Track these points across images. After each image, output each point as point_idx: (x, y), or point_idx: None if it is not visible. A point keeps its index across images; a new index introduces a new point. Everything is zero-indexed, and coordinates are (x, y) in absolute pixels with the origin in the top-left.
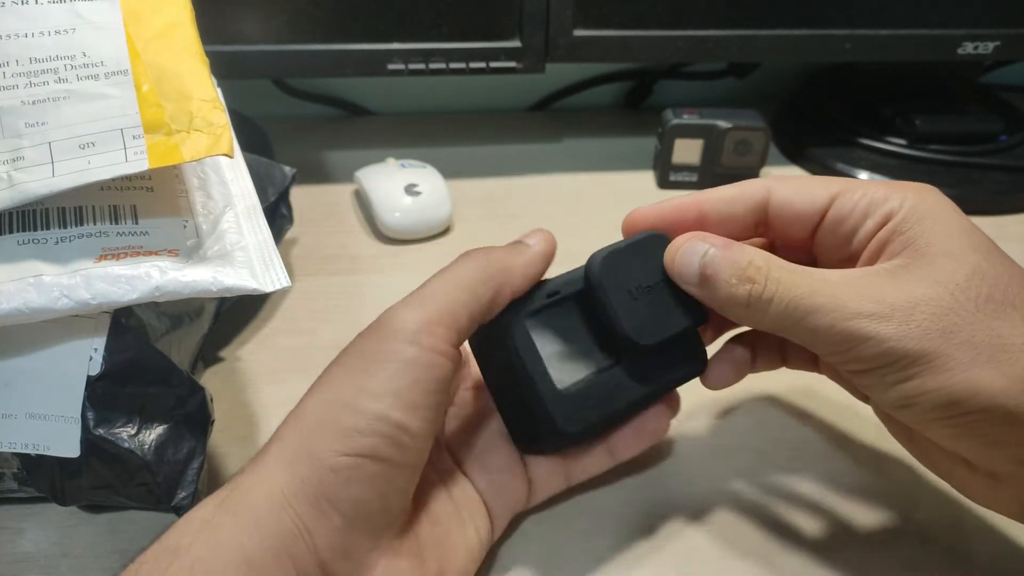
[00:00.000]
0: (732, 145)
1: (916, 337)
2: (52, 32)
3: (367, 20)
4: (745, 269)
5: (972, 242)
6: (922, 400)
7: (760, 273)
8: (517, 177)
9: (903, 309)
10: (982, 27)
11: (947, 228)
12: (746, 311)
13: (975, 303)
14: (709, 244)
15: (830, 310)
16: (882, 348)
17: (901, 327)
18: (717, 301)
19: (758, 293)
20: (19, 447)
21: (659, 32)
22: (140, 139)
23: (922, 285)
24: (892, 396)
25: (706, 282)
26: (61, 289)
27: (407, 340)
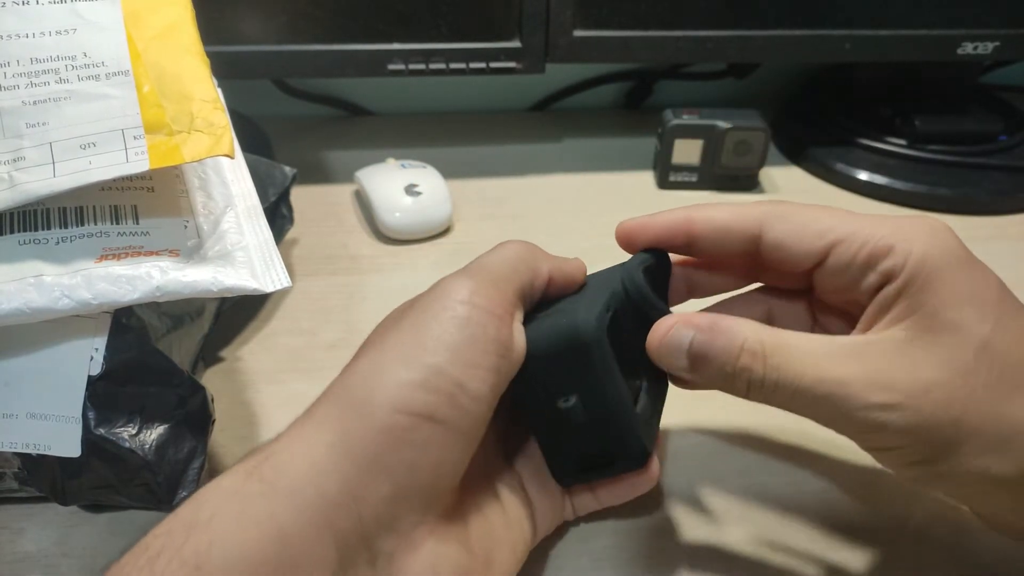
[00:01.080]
0: (732, 145)
1: (927, 427)
2: (53, 32)
3: (367, 20)
4: (739, 357)
5: (981, 309)
6: (936, 483)
7: (756, 360)
8: (517, 177)
9: (913, 396)
10: (982, 27)
11: (954, 292)
12: (747, 396)
13: (984, 388)
14: (694, 330)
15: (840, 400)
16: (895, 439)
17: (912, 416)
18: (716, 384)
19: (758, 381)
20: (20, 447)
21: (659, 32)
22: (141, 139)
23: (930, 368)
24: (904, 475)
25: (696, 369)
26: (62, 289)
27: (460, 300)
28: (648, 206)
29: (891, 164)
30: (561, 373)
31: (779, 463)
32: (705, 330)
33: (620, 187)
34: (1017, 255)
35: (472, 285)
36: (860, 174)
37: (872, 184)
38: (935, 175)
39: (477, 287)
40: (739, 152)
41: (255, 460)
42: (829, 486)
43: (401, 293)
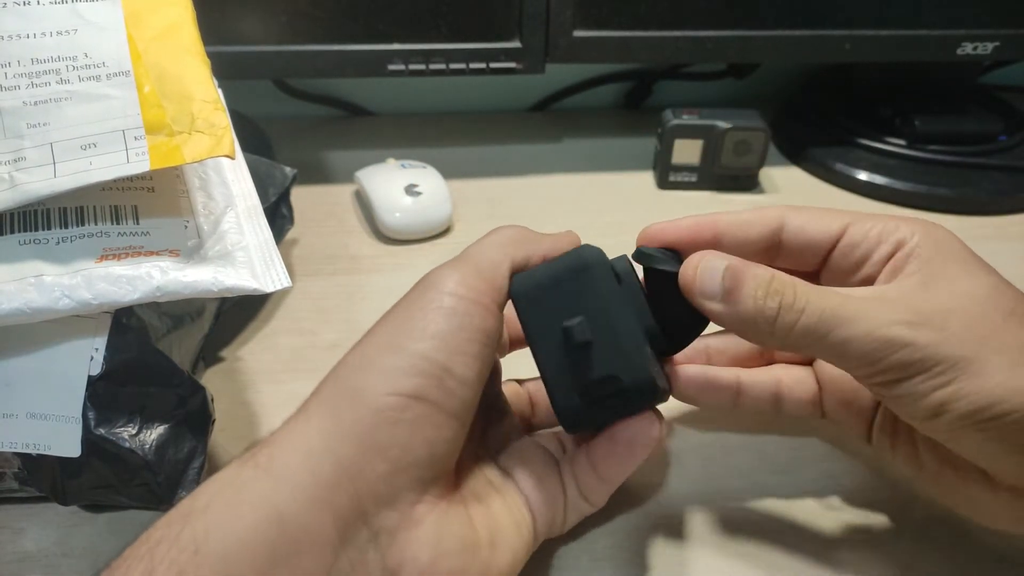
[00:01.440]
0: (732, 145)
1: (953, 343)
2: (54, 33)
3: (367, 21)
4: (771, 283)
5: (984, 267)
6: (959, 405)
7: (787, 286)
8: (517, 177)
9: (938, 316)
10: (982, 27)
11: (959, 255)
12: (772, 326)
13: (1002, 315)
14: (728, 260)
15: (866, 318)
16: (921, 354)
17: (939, 333)
18: (741, 316)
19: (789, 303)
20: (20, 447)
21: (659, 32)
22: (141, 140)
23: (951, 298)
24: (928, 403)
25: (730, 296)
26: (62, 289)
27: (446, 291)
28: (648, 206)
29: (891, 164)
30: (565, 296)
31: (779, 463)
32: (738, 259)
33: (620, 187)
34: (1017, 255)
35: (458, 276)
36: (860, 174)
37: (872, 184)
38: (935, 175)
39: (463, 277)
40: (739, 152)
41: (250, 452)
42: (829, 487)
43: (401, 293)
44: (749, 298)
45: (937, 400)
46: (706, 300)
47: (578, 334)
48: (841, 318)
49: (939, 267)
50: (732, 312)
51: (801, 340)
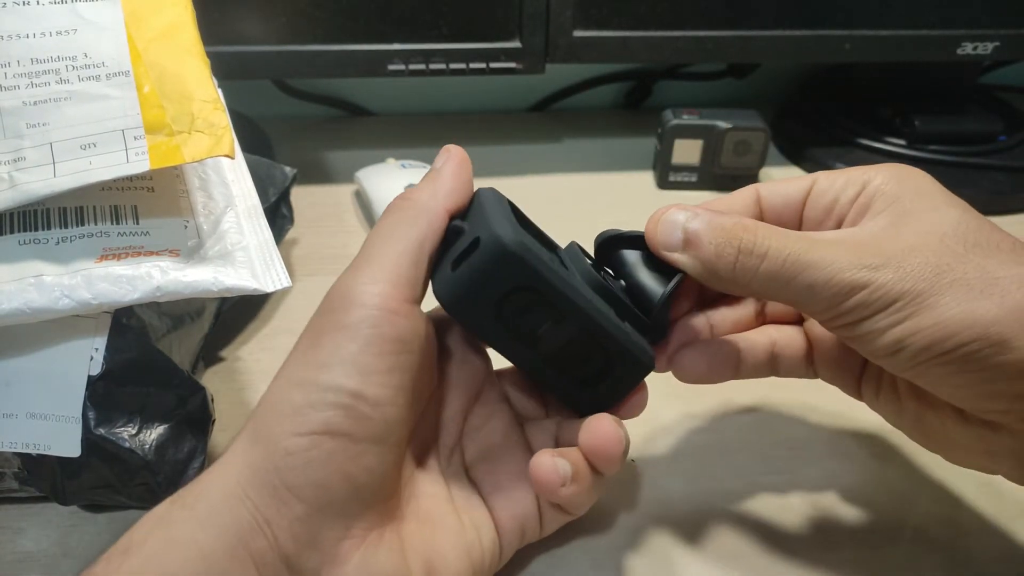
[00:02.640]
0: (732, 145)
1: (910, 279)
2: (53, 33)
3: (367, 21)
4: (732, 230)
5: (951, 200)
6: (917, 339)
7: (748, 232)
8: (517, 177)
9: (897, 256)
10: (982, 27)
11: (926, 189)
12: (733, 272)
13: (964, 247)
14: (691, 211)
15: (827, 264)
16: (878, 294)
17: (896, 272)
18: (703, 264)
19: (748, 247)
20: (20, 447)
21: (659, 32)
22: (141, 140)
23: (913, 235)
24: (886, 341)
25: (690, 245)
26: (62, 289)
27: (350, 304)
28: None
29: None
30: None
31: (779, 463)
32: (700, 209)
33: (620, 187)
34: None
35: (361, 283)
36: None
37: None
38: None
39: (365, 286)
40: (739, 152)
41: (182, 491)
42: (828, 487)
43: None
44: (709, 244)
45: (894, 337)
46: (668, 251)
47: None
48: (804, 263)
49: (907, 203)
50: (694, 260)
51: (765, 286)
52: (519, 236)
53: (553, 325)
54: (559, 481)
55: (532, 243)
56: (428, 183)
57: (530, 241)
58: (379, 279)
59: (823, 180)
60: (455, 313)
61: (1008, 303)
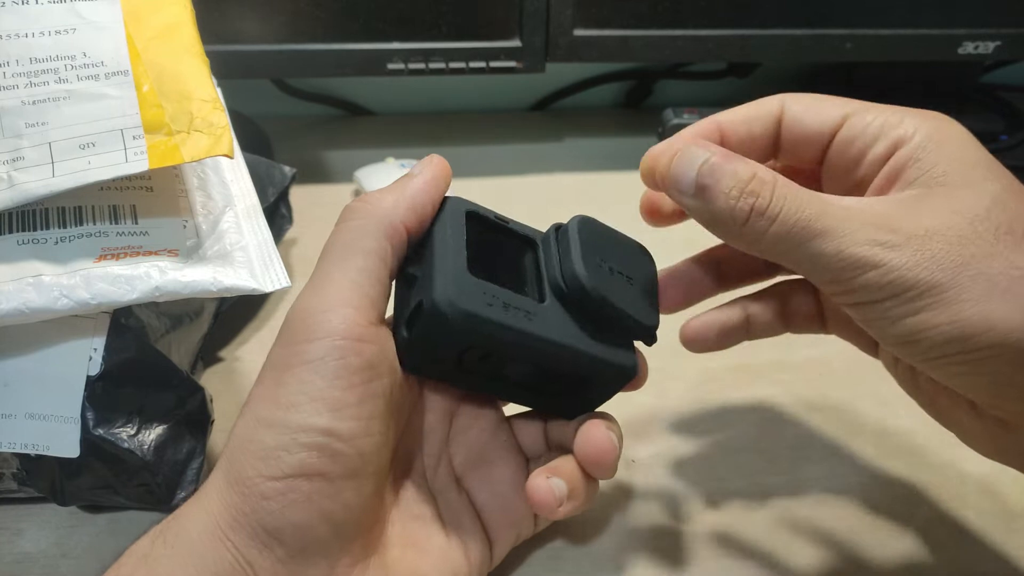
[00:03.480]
0: None
1: (928, 267)
2: (52, 32)
3: (367, 20)
4: (748, 182)
5: (992, 172)
6: (930, 335)
7: (765, 188)
8: (517, 177)
9: (918, 238)
10: (982, 27)
11: (966, 157)
12: (742, 228)
13: (994, 234)
14: (710, 152)
15: (839, 235)
16: (890, 277)
17: (913, 256)
18: (712, 215)
19: (761, 208)
20: (19, 447)
21: (659, 32)
22: (140, 139)
23: (939, 215)
24: (897, 331)
25: (702, 192)
26: (61, 289)
27: (313, 335)
28: None
29: None
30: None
31: (779, 464)
32: (720, 153)
33: (620, 187)
34: None
35: (321, 310)
36: None
37: None
38: None
39: (326, 313)
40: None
41: (164, 524)
42: (829, 487)
43: None
44: (722, 196)
45: (907, 328)
46: (679, 194)
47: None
48: (814, 231)
49: (940, 175)
50: (702, 210)
51: (772, 248)
52: (460, 296)
53: (517, 363)
54: (556, 502)
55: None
56: (394, 191)
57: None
58: (341, 303)
59: (855, 122)
60: (420, 375)
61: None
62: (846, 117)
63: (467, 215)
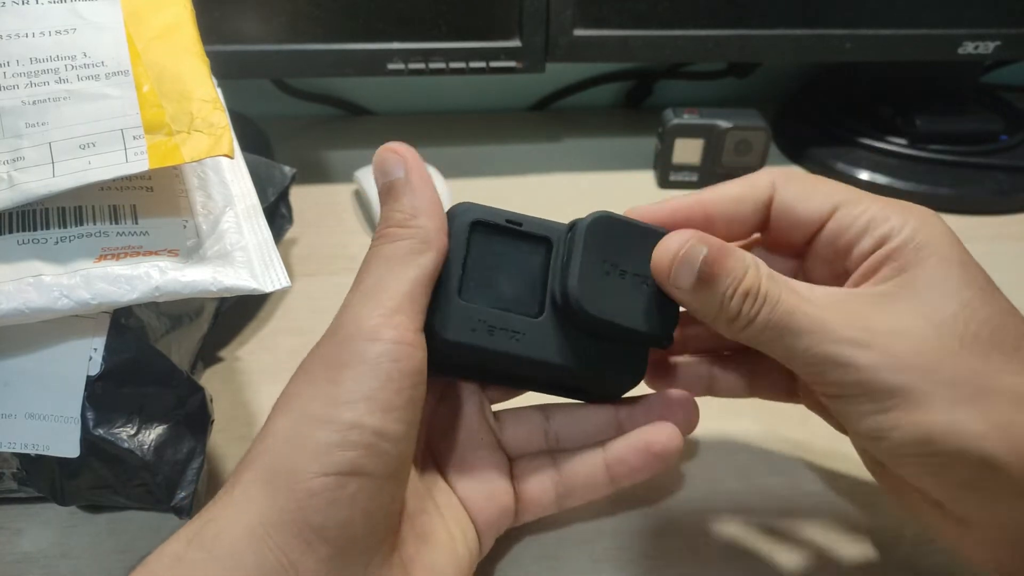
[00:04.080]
0: (732, 145)
1: (894, 369)
2: (52, 32)
3: (367, 20)
4: (743, 280)
5: (968, 277)
6: (895, 435)
7: (754, 284)
8: (517, 177)
9: (884, 337)
10: (982, 27)
11: (944, 260)
12: (731, 326)
13: (960, 341)
14: (708, 246)
15: (810, 332)
16: (859, 376)
17: (880, 357)
18: (707, 307)
19: (752, 299)
20: (19, 447)
21: (659, 32)
22: (140, 139)
23: (907, 317)
24: (865, 427)
25: (703, 286)
26: (61, 289)
27: (369, 337)
28: None
29: (892, 164)
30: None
31: (779, 465)
32: (717, 247)
33: (620, 187)
34: (1017, 255)
35: (377, 315)
36: (861, 174)
37: (873, 184)
38: (936, 175)
39: (382, 317)
40: (740, 152)
41: (197, 524)
42: (829, 489)
43: None
44: (719, 294)
45: (876, 425)
46: (674, 285)
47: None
48: (789, 328)
49: (914, 277)
50: (698, 302)
51: (752, 339)
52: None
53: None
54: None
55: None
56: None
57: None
58: (395, 310)
59: (844, 215)
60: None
61: (996, 418)
62: (836, 208)
63: (472, 226)
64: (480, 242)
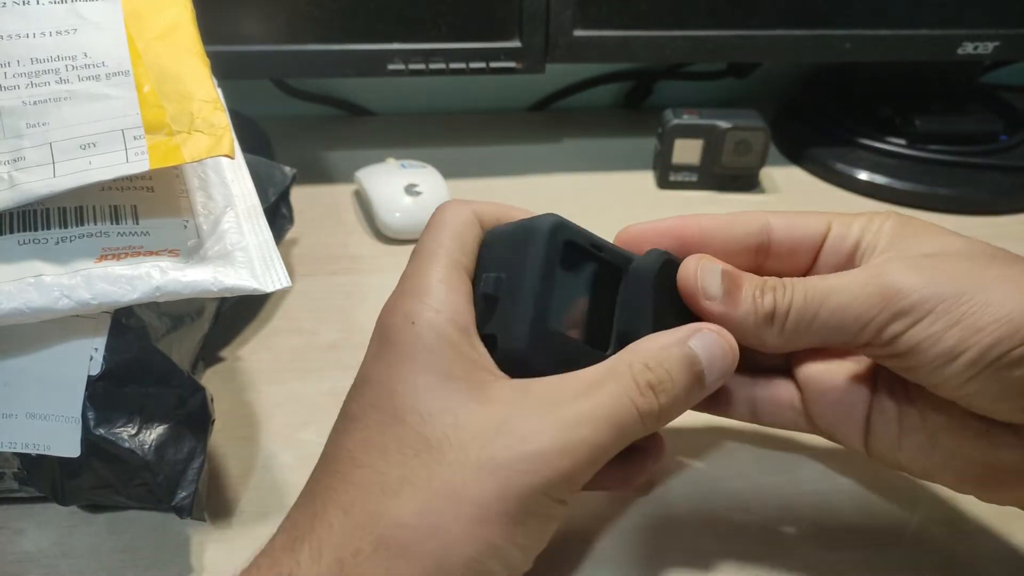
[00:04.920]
0: (732, 145)
1: (952, 278)
2: (53, 32)
3: (367, 20)
4: (765, 282)
5: (956, 233)
6: (976, 341)
7: (779, 283)
8: (517, 177)
9: (928, 263)
10: (982, 27)
11: (930, 228)
12: (770, 321)
13: (984, 257)
14: (723, 264)
15: (850, 284)
16: (918, 295)
17: (933, 274)
18: (740, 315)
19: (787, 293)
20: (19, 447)
21: (659, 32)
22: (141, 140)
23: (929, 251)
24: (940, 349)
25: (730, 295)
26: (62, 289)
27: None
28: (648, 206)
29: (891, 164)
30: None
31: (779, 464)
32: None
33: (620, 187)
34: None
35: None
36: (860, 174)
37: (872, 184)
38: (935, 175)
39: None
40: (739, 152)
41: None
42: (829, 488)
43: None
44: (748, 298)
45: (953, 341)
46: (707, 301)
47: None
48: (827, 289)
49: (910, 239)
50: (728, 312)
51: (796, 327)
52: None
53: None
54: None
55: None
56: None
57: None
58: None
59: (841, 223)
60: None
61: None
62: (830, 223)
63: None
64: (566, 262)
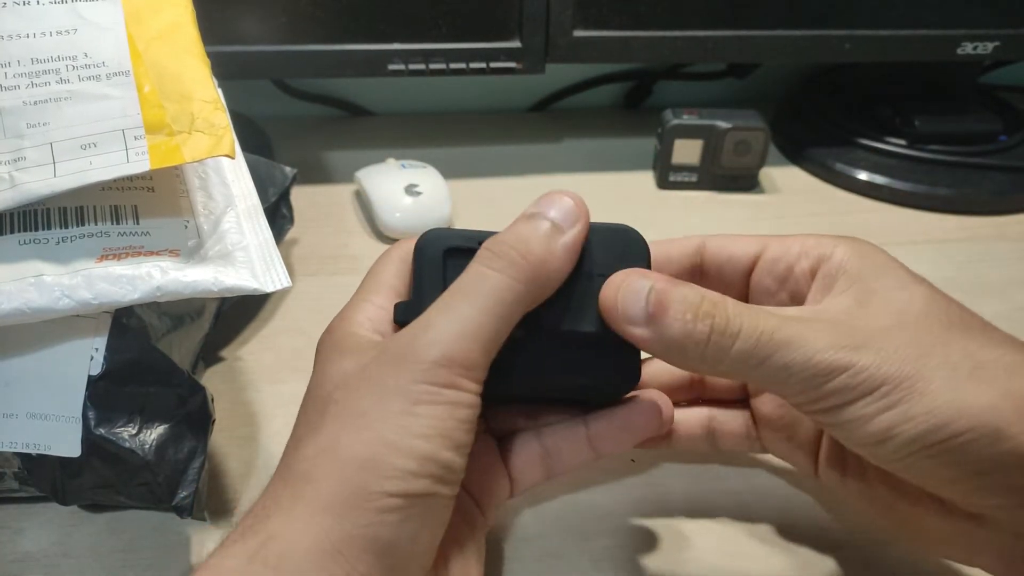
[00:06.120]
0: (732, 145)
1: (894, 362)
2: (54, 33)
3: (367, 20)
4: (700, 304)
5: (913, 276)
6: (905, 428)
7: (718, 307)
8: (517, 177)
9: (876, 337)
10: (982, 27)
11: (888, 267)
12: (703, 351)
13: (942, 326)
14: (651, 280)
15: (803, 344)
16: (862, 377)
17: (878, 354)
18: (668, 342)
19: (721, 327)
20: (20, 447)
21: (659, 32)
22: (141, 140)
23: (885, 316)
24: (872, 430)
25: (655, 320)
26: (62, 289)
27: (447, 382)
28: (648, 206)
29: (891, 164)
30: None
31: (779, 463)
32: (663, 279)
33: (620, 187)
34: (1017, 255)
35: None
36: (860, 174)
37: (872, 184)
38: (935, 175)
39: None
40: (739, 152)
41: (253, 542)
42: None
43: None
44: (677, 321)
45: (884, 424)
46: (629, 325)
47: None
48: (779, 343)
49: (871, 282)
50: (659, 337)
51: (736, 366)
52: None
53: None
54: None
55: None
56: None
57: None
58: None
59: (775, 246)
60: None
61: (999, 388)
62: (765, 245)
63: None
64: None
